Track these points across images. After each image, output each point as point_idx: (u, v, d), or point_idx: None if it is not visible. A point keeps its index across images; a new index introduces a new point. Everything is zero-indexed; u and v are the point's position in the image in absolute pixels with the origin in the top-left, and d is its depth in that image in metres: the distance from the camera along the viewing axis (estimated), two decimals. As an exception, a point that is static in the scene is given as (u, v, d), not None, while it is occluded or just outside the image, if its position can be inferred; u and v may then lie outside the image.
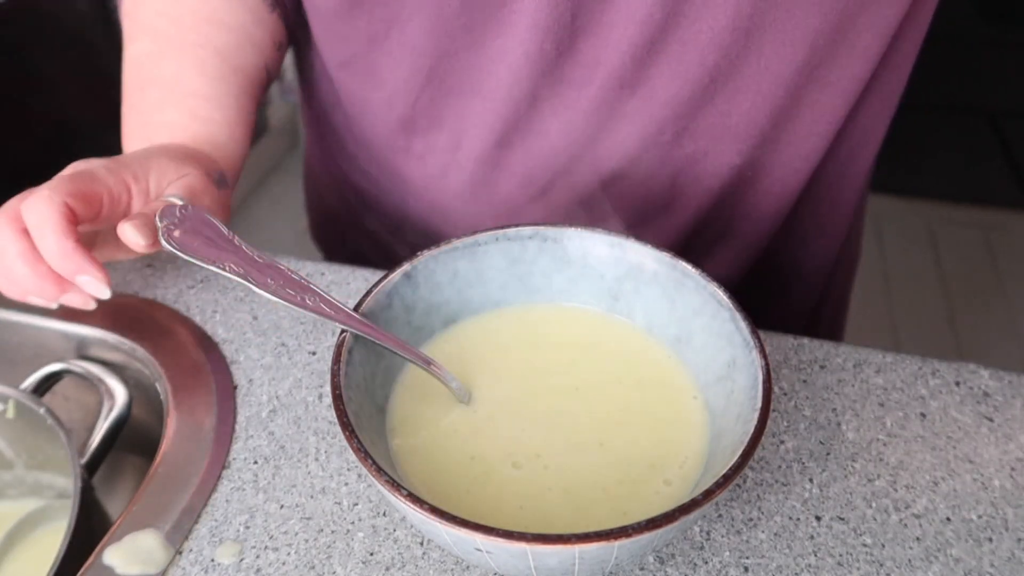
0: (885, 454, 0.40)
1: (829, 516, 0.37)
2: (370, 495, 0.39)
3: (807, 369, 0.45)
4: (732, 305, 0.35)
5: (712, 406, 0.36)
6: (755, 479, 0.39)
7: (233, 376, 0.44)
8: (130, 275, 0.51)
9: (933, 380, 0.44)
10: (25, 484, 0.52)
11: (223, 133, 0.50)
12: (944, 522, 0.37)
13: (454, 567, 0.36)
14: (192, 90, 0.49)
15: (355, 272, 0.51)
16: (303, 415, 0.42)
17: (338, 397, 0.31)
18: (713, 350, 0.36)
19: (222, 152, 0.49)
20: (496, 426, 0.36)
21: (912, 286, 1.81)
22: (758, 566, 0.35)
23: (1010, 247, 1.92)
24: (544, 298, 0.41)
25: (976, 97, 2.36)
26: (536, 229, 0.40)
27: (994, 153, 2.19)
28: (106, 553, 0.36)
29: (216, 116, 0.50)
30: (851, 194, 0.56)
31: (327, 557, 0.36)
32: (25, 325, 0.49)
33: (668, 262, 0.38)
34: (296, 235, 1.92)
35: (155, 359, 0.45)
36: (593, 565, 0.28)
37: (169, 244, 0.34)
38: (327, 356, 0.46)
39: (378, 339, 0.34)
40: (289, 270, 0.34)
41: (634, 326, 0.40)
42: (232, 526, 0.37)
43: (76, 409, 0.52)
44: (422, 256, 0.38)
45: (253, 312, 0.48)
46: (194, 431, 0.41)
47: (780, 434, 0.41)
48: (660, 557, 0.36)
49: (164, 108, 0.49)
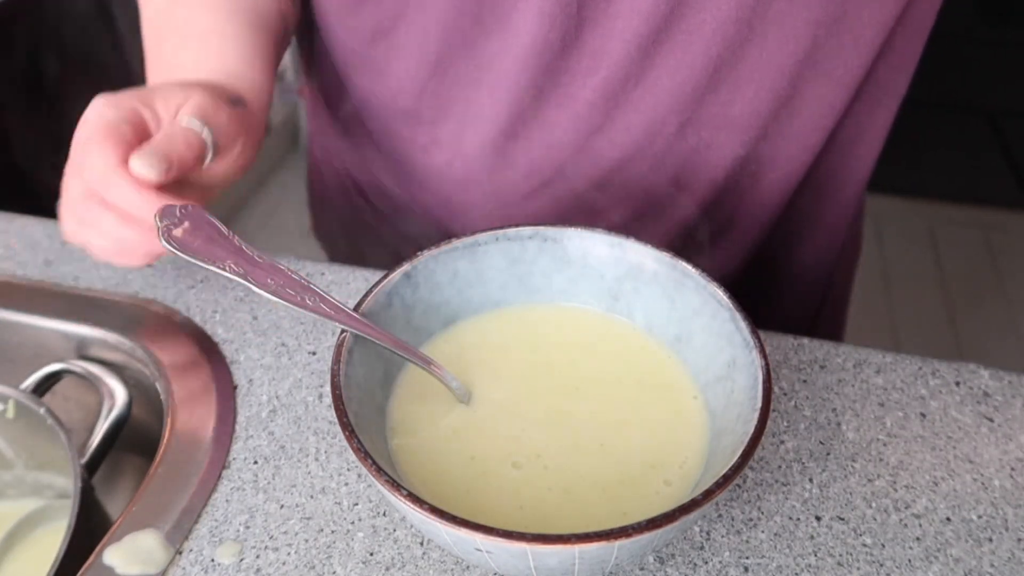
0: (885, 454, 0.40)
1: (829, 516, 0.37)
2: (370, 495, 0.39)
3: (807, 369, 0.45)
4: (732, 305, 0.35)
5: (712, 406, 0.36)
6: (755, 479, 0.39)
7: (233, 376, 0.44)
8: (130, 275, 0.51)
9: (933, 380, 0.44)
10: (25, 484, 0.52)
11: (238, 64, 0.49)
12: (944, 522, 0.37)
13: (454, 567, 0.36)
14: (204, 28, 0.49)
15: (355, 272, 0.51)
16: (303, 415, 0.42)
17: (338, 397, 0.31)
18: (713, 350, 0.36)
19: (239, 80, 0.49)
20: (496, 426, 0.36)
21: (912, 286, 1.81)
22: (758, 566, 0.35)
23: (1010, 247, 1.91)
24: (544, 298, 0.41)
25: (976, 97, 2.35)
26: (536, 229, 0.40)
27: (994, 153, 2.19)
28: (106, 553, 0.36)
29: (229, 49, 0.49)
30: (852, 190, 0.56)
31: (327, 557, 0.36)
32: (25, 325, 0.49)
33: (668, 262, 0.38)
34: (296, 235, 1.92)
35: (155, 359, 0.45)
36: (593, 565, 0.28)
37: (169, 244, 0.34)
38: (327, 356, 0.46)
39: (378, 339, 0.34)
40: (289, 270, 0.34)
41: (634, 326, 0.40)
42: (232, 526, 0.37)
43: (76, 409, 0.52)
44: (422, 256, 0.38)
45: (253, 312, 0.48)
46: (194, 431, 0.41)
47: (780, 434, 0.41)
48: (660, 557, 0.36)
49: (179, 52, 0.49)
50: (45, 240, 0.54)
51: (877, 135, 0.54)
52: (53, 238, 0.54)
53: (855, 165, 0.55)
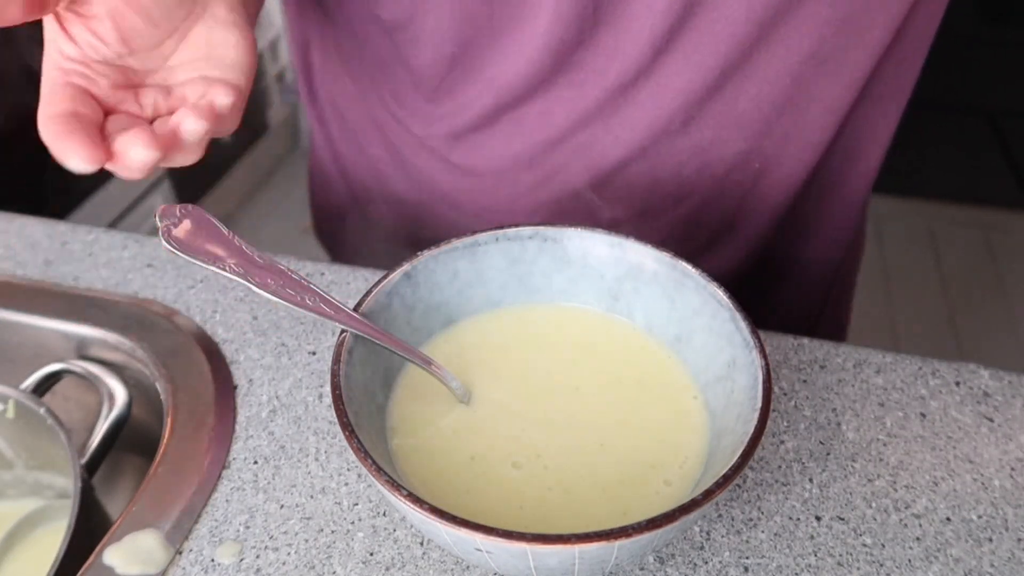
0: (885, 454, 0.40)
1: (829, 516, 0.37)
2: (370, 495, 0.39)
3: (807, 369, 0.45)
4: (732, 305, 0.35)
5: (712, 406, 0.36)
6: (755, 479, 0.39)
7: (233, 376, 0.44)
8: (130, 275, 0.51)
9: (933, 380, 0.44)
10: (25, 484, 0.52)
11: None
12: (944, 522, 0.37)
13: (454, 567, 0.36)
14: None
15: (355, 272, 0.51)
16: (303, 415, 0.42)
17: (338, 397, 0.31)
18: (713, 350, 0.36)
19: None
20: (496, 426, 0.36)
21: (912, 286, 1.81)
22: (758, 566, 0.35)
23: (1010, 247, 1.92)
24: (544, 298, 0.41)
25: (976, 97, 2.35)
26: (536, 229, 0.40)
27: (994, 153, 2.19)
28: (106, 553, 0.36)
29: None
30: (858, 190, 0.56)
31: (327, 557, 0.36)
32: (25, 325, 0.49)
33: (668, 262, 0.38)
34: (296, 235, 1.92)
35: (155, 359, 0.45)
36: (593, 565, 0.28)
37: (169, 244, 0.34)
38: (327, 356, 0.46)
39: (378, 339, 0.34)
40: (289, 270, 0.34)
41: (634, 326, 0.40)
42: (232, 526, 0.37)
43: (76, 409, 0.52)
44: (422, 256, 0.38)
45: (253, 312, 0.48)
46: (194, 431, 0.41)
47: (780, 434, 0.41)
48: (660, 557, 0.36)
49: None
50: (45, 240, 0.54)
51: (883, 135, 0.53)
52: (53, 238, 0.54)
53: (861, 165, 0.55)
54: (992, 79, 2.38)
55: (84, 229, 0.55)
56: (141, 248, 0.53)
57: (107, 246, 0.54)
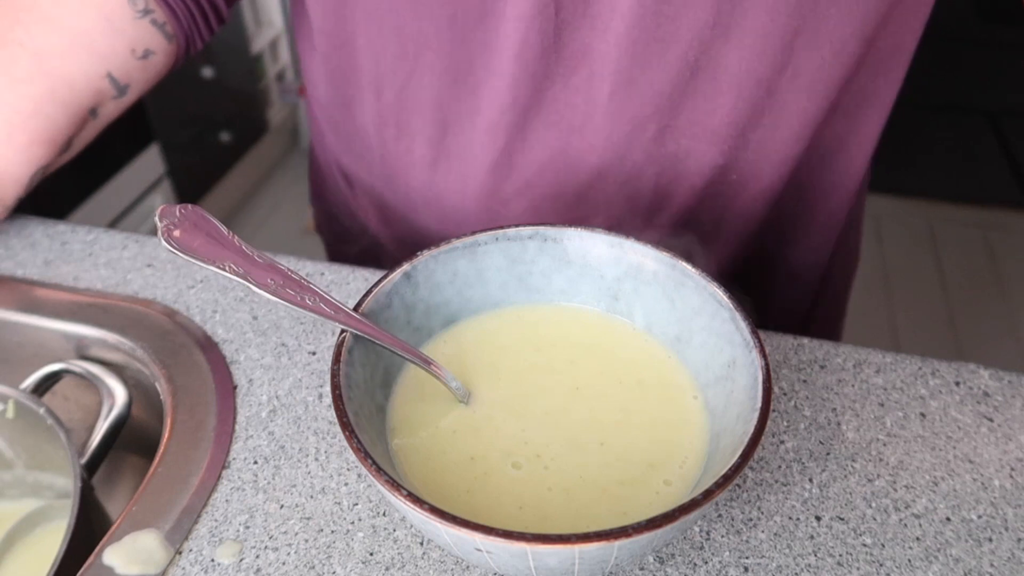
0: (885, 454, 0.40)
1: (829, 516, 0.37)
2: (370, 495, 0.39)
3: (807, 369, 0.45)
4: (732, 305, 0.35)
5: (712, 406, 0.36)
6: (755, 479, 0.39)
7: (233, 376, 0.44)
8: (130, 275, 0.51)
9: (933, 380, 0.44)
10: (25, 484, 0.52)
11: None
12: (944, 522, 0.37)
13: (454, 567, 0.36)
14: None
15: (355, 272, 0.52)
16: (303, 415, 0.42)
17: (338, 397, 0.31)
18: (713, 350, 0.36)
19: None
20: (496, 426, 0.36)
21: (912, 286, 1.81)
22: (758, 566, 0.35)
23: (1010, 247, 1.92)
24: (544, 298, 0.41)
25: (976, 97, 2.36)
26: (536, 229, 0.40)
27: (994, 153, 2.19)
28: (106, 553, 0.36)
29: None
30: (841, 196, 0.56)
31: (327, 557, 0.36)
32: (25, 325, 0.49)
33: (668, 262, 0.38)
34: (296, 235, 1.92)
35: (155, 359, 0.45)
36: (593, 565, 0.28)
37: (169, 244, 0.34)
38: (327, 356, 0.46)
39: (378, 339, 0.34)
40: (289, 270, 0.34)
41: (634, 326, 0.40)
42: (232, 526, 0.37)
43: (76, 409, 0.52)
44: (422, 256, 0.38)
45: (253, 312, 0.49)
46: (194, 431, 0.41)
47: (780, 434, 0.41)
48: (660, 557, 0.36)
49: None
50: (45, 240, 0.54)
51: (864, 143, 0.54)
52: (53, 238, 0.54)
53: (841, 172, 0.55)
54: (991, 79, 2.38)
55: (84, 229, 0.55)
56: (141, 248, 0.54)
57: (107, 246, 0.54)
